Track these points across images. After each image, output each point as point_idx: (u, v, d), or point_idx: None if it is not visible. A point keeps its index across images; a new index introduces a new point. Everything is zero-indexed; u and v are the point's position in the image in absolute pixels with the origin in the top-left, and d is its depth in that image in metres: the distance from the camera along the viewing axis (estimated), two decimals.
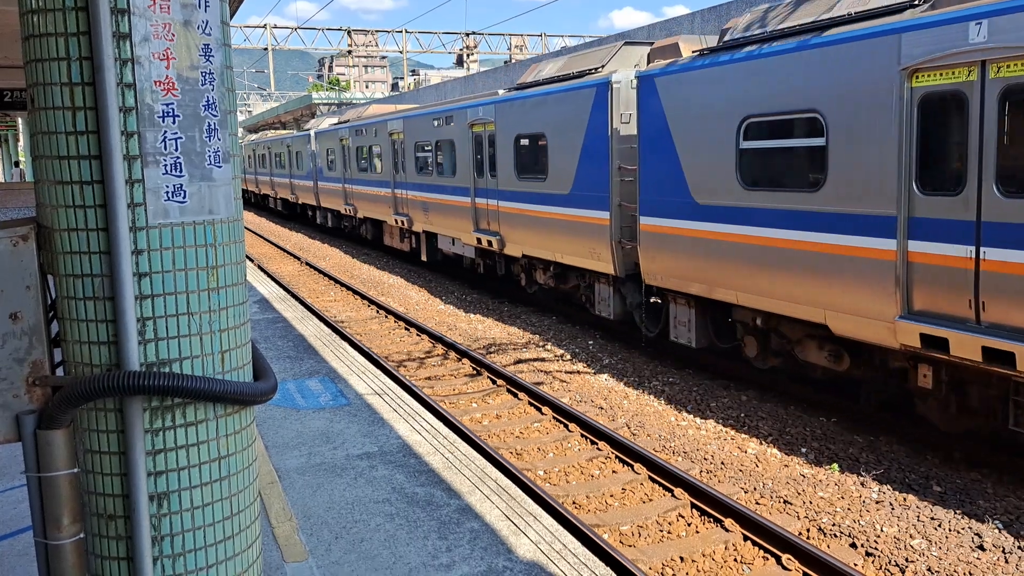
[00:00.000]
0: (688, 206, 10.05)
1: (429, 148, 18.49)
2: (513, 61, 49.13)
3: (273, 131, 48.27)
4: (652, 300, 11.73)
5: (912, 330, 7.22)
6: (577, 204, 12.61)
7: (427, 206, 18.74)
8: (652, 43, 12.05)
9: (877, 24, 7.55)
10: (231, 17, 2.67)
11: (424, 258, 19.77)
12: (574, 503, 7.29)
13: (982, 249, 6.73)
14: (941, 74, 6.98)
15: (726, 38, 9.76)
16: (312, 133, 30.28)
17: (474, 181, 16.12)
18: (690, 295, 10.40)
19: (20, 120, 28.65)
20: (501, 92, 15.55)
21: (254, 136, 46.69)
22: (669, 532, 6.73)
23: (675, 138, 10.25)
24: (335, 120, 29.23)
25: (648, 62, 11.61)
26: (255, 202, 48.62)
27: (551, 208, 13.35)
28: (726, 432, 8.84)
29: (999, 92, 6.55)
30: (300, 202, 33.49)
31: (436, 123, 17.83)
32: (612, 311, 12.40)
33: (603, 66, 12.39)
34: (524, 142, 14.22)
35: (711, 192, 9.65)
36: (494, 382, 10.89)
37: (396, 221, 20.93)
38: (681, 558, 6.28)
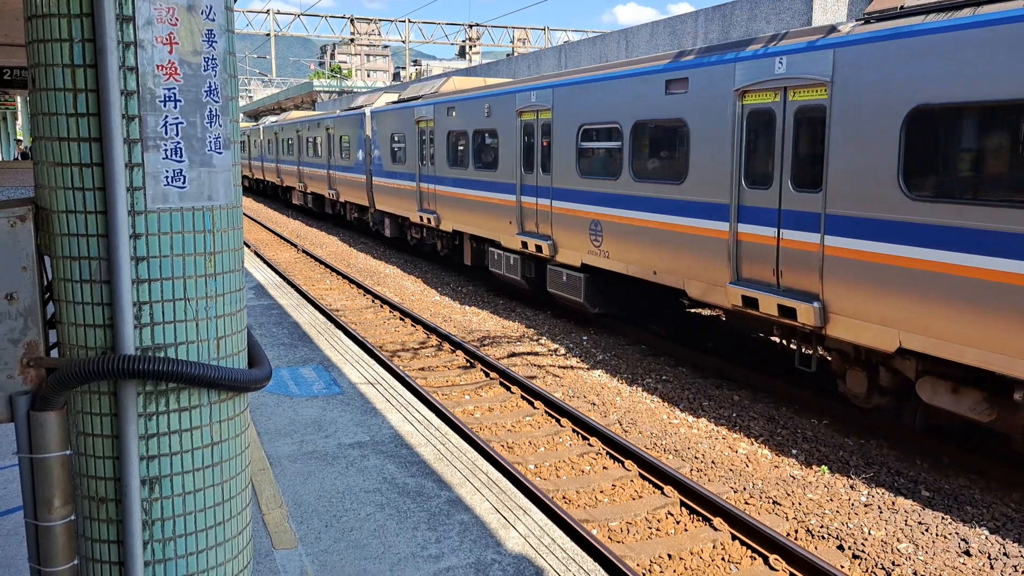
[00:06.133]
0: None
1: None
2: (516, 55, 49.05)
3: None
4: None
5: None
6: None
7: None
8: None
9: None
10: (234, 1, 2.67)
11: None
12: (564, 498, 7.31)
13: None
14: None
15: None
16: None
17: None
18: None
19: (19, 99, 28.51)
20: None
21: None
22: (658, 529, 6.76)
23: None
24: None
25: None
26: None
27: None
28: (717, 431, 8.86)
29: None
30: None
31: None
32: None
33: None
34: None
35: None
36: (487, 375, 10.90)
37: None
38: (669, 555, 6.31)
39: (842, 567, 6.13)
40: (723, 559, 6.27)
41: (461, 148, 16.38)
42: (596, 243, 12.00)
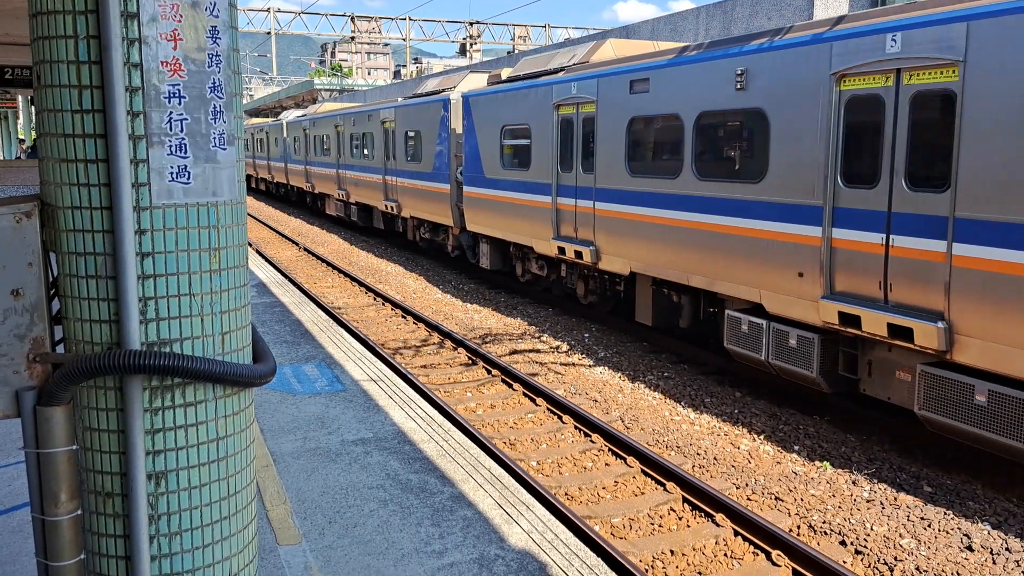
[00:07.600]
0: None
1: None
2: (516, 52, 49.07)
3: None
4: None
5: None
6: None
7: None
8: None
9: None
10: None
11: None
12: (566, 494, 7.32)
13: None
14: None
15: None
16: None
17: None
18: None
19: (20, 98, 28.53)
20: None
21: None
22: (660, 525, 6.77)
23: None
24: None
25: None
26: None
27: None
28: (720, 428, 8.87)
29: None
30: None
31: None
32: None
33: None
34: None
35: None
36: (489, 372, 10.91)
37: None
38: (672, 551, 6.32)
39: (844, 563, 6.14)
40: (726, 555, 6.28)
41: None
42: None
